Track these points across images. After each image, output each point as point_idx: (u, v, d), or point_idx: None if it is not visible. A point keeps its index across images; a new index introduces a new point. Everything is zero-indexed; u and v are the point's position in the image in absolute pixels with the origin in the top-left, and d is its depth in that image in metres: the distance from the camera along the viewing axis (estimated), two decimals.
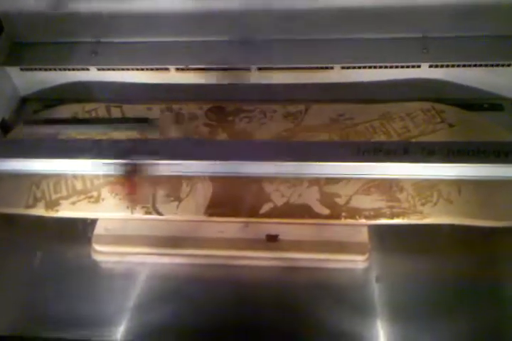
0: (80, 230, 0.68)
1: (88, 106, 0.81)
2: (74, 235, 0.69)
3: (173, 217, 0.68)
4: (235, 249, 0.65)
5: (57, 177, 0.72)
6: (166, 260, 0.66)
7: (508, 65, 0.76)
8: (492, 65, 0.77)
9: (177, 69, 0.81)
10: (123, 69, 0.82)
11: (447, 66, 0.77)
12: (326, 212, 0.66)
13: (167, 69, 0.81)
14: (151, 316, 0.61)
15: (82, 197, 0.70)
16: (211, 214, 0.67)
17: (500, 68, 0.77)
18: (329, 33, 0.80)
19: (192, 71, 0.81)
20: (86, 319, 0.61)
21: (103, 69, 0.82)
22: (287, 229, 0.66)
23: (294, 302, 0.61)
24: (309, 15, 0.77)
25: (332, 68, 0.78)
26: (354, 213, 0.65)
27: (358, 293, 0.61)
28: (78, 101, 0.83)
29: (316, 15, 0.77)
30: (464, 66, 0.77)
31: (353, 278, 0.63)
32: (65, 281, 0.65)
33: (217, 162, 0.65)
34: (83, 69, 0.82)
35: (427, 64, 0.77)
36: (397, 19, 0.77)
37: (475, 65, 0.77)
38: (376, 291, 0.61)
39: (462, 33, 0.79)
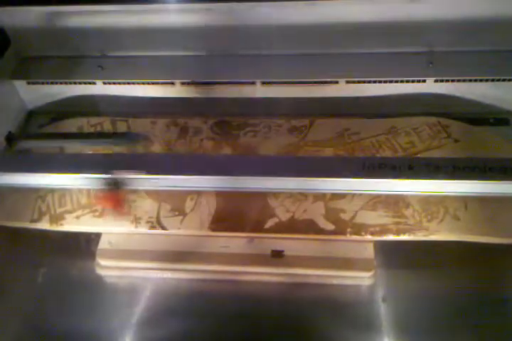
0: (84, 244, 0.68)
1: (94, 120, 0.81)
2: (78, 249, 0.69)
3: (177, 231, 0.68)
4: (239, 264, 0.65)
5: (63, 191, 0.72)
6: (169, 275, 0.66)
7: None
8: (498, 80, 0.76)
9: (182, 83, 0.81)
10: (129, 84, 0.82)
11: (453, 81, 0.77)
12: (331, 227, 0.66)
13: (172, 83, 0.81)
14: (154, 331, 0.61)
15: (87, 211, 0.70)
16: (215, 229, 0.67)
17: (506, 83, 0.76)
18: (334, 48, 0.81)
19: (197, 85, 0.81)
20: (89, 333, 0.61)
21: (109, 83, 0.83)
22: (292, 245, 0.65)
23: (299, 318, 0.61)
24: (314, 30, 0.78)
25: (337, 82, 0.79)
26: (360, 229, 0.65)
27: (363, 310, 0.61)
28: (84, 114, 0.83)
29: (321, 30, 0.78)
30: (470, 81, 0.77)
31: (359, 295, 0.63)
32: (69, 295, 0.65)
33: (222, 177, 0.65)
34: (89, 83, 0.83)
35: (433, 78, 0.77)
36: (403, 34, 0.78)
37: (481, 80, 0.77)
38: (382, 308, 0.61)
39: (468, 48, 0.79)
